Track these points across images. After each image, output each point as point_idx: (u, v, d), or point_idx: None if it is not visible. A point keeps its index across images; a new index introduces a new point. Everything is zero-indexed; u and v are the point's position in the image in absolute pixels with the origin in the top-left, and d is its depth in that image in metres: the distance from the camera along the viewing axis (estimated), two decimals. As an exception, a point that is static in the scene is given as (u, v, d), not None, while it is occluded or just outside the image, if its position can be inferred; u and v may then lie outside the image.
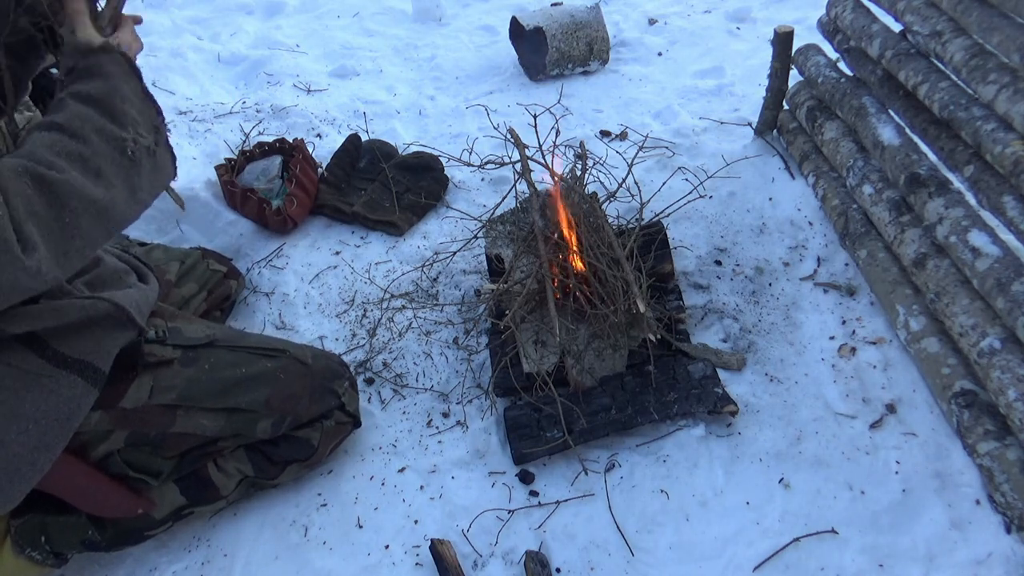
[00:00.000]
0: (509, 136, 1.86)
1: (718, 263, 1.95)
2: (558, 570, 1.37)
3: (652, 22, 3.25)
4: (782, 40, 2.11)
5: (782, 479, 1.47)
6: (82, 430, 1.18)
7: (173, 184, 1.26)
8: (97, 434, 1.22)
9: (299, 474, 1.49)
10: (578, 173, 1.83)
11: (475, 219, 2.00)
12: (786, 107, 2.33)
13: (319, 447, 1.44)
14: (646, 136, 2.34)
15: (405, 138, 2.51)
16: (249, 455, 1.40)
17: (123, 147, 1.03)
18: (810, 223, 2.04)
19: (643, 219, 1.94)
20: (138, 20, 1.18)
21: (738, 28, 3.16)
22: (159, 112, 1.12)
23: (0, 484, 1.08)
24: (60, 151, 0.96)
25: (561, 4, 3.08)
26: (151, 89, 1.13)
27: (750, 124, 2.45)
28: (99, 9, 1.11)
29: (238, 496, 1.45)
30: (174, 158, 1.15)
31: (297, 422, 1.40)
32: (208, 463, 1.37)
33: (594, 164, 1.91)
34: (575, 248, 1.68)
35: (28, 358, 1.09)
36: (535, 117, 1.90)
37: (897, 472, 1.46)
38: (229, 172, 2.17)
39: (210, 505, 1.41)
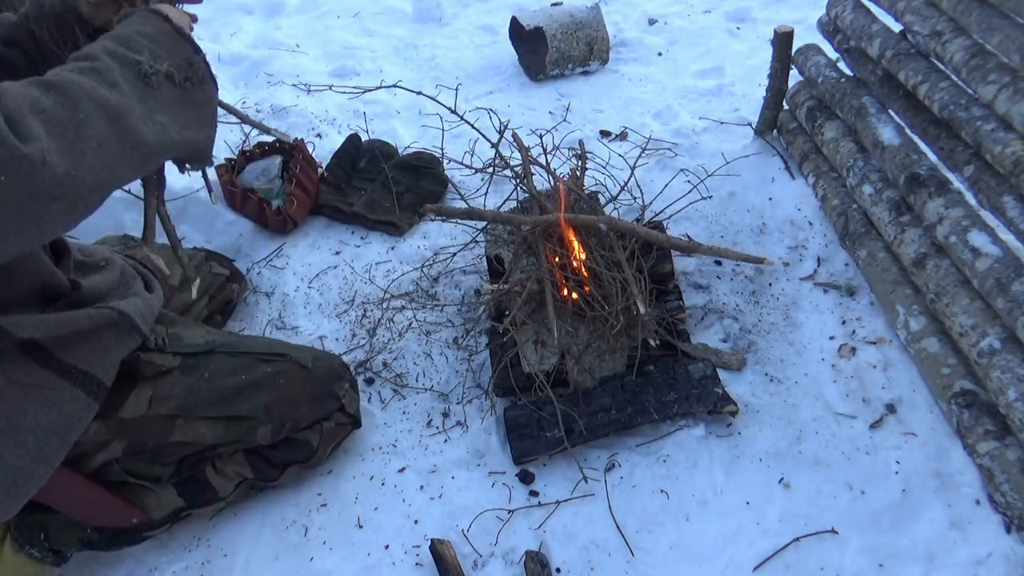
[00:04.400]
0: (512, 139, 1.86)
1: (718, 263, 1.95)
2: (558, 570, 1.37)
3: (652, 22, 3.25)
4: (782, 40, 2.11)
5: (782, 479, 1.47)
6: (80, 440, 1.17)
7: (210, 174, 1.24)
8: (95, 444, 1.21)
9: (299, 475, 1.49)
10: (578, 174, 1.83)
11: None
12: (786, 107, 2.33)
13: (319, 448, 1.44)
14: (648, 138, 2.34)
15: (405, 138, 2.51)
16: (248, 458, 1.40)
17: (137, 68, 0.98)
18: (810, 223, 2.04)
19: (643, 219, 1.95)
20: (194, 18, 1.17)
21: (738, 28, 3.16)
22: (196, 49, 1.08)
23: None
24: (72, 68, 0.94)
25: (561, 4, 3.08)
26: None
27: (750, 124, 2.45)
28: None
29: (237, 497, 1.45)
30: (214, 90, 1.11)
31: (297, 426, 1.40)
32: (206, 466, 1.37)
33: (585, 167, 1.91)
34: (575, 250, 1.68)
35: (31, 369, 1.08)
36: (542, 137, 1.90)
37: (897, 472, 1.46)
38: (229, 172, 2.17)
39: (209, 507, 1.41)
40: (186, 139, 1.04)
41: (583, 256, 1.67)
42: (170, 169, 1.17)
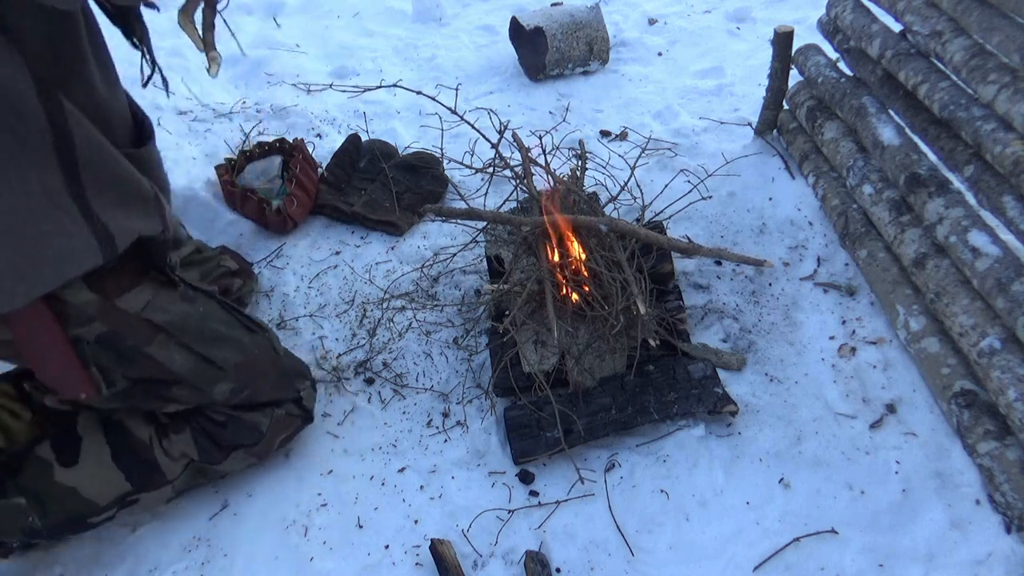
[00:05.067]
0: (512, 140, 1.86)
1: (718, 263, 1.95)
2: (558, 570, 1.37)
3: (652, 22, 3.25)
4: (782, 40, 2.11)
5: (782, 479, 1.47)
6: (70, 300, 1.15)
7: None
8: (79, 314, 1.18)
9: (246, 463, 1.47)
10: (578, 174, 1.83)
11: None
12: (786, 107, 2.33)
13: (267, 434, 1.43)
14: (648, 138, 2.34)
15: (405, 138, 2.51)
16: (195, 436, 1.38)
17: None
18: (810, 223, 2.04)
19: (643, 220, 1.95)
20: None
21: (738, 28, 3.16)
22: None
23: None
24: None
25: (561, 4, 3.08)
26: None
27: (750, 124, 2.45)
28: None
29: (184, 484, 1.43)
30: None
31: (253, 399, 1.41)
32: (155, 445, 1.35)
33: (585, 168, 1.91)
34: (575, 250, 1.68)
35: (55, 179, 1.04)
36: (541, 138, 1.90)
37: (897, 472, 1.46)
38: (229, 172, 2.17)
39: (156, 491, 1.38)
40: None
41: (583, 256, 1.67)
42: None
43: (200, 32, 1.32)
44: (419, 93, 1.92)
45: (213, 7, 1.32)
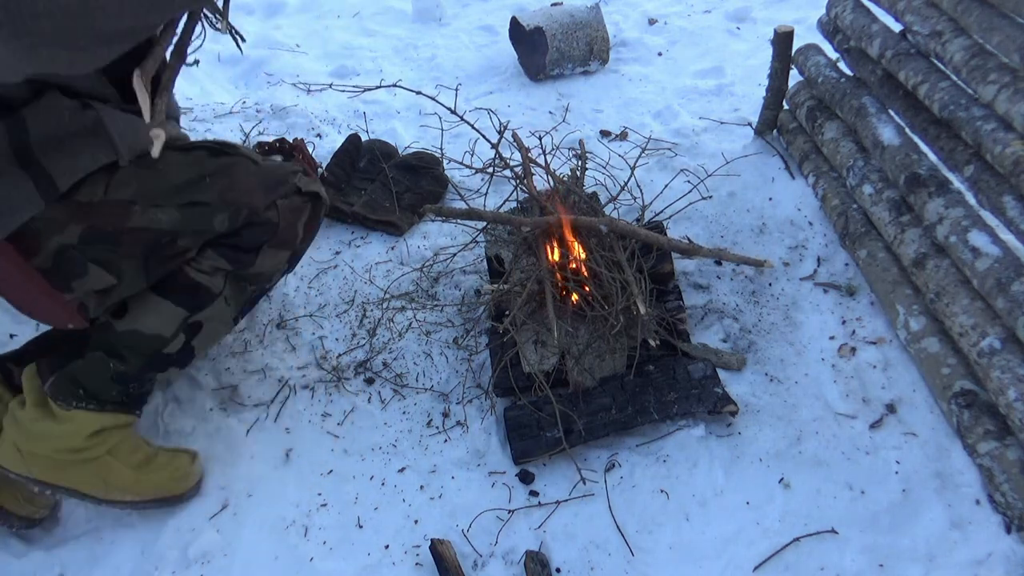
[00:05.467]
0: (512, 140, 1.86)
1: (718, 263, 1.95)
2: (558, 570, 1.37)
3: (652, 22, 3.25)
4: (782, 40, 2.12)
5: (782, 479, 1.47)
6: (35, 217, 1.15)
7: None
8: (50, 224, 1.18)
9: (279, 259, 1.44)
10: (578, 174, 1.83)
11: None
12: (786, 107, 2.33)
13: (280, 222, 1.40)
14: (648, 138, 2.34)
15: (405, 138, 2.51)
16: (218, 251, 1.37)
17: None
18: (810, 223, 2.04)
19: (643, 219, 1.95)
20: None
21: (738, 28, 3.16)
22: None
23: None
24: None
25: (561, 4, 3.08)
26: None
27: (750, 124, 2.45)
28: None
29: (235, 297, 1.42)
30: None
31: (254, 212, 1.37)
32: (187, 270, 1.35)
33: (585, 168, 1.91)
34: (575, 251, 1.68)
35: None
36: (541, 139, 1.90)
37: (897, 472, 1.46)
38: (229, 172, 2.16)
39: (211, 308, 1.38)
40: None
41: (583, 256, 1.67)
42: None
43: (150, 98, 1.24)
44: (419, 93, 1.92)
45: (176, 68, 1.27)
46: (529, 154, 1.83)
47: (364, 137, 2.46)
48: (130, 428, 1.43)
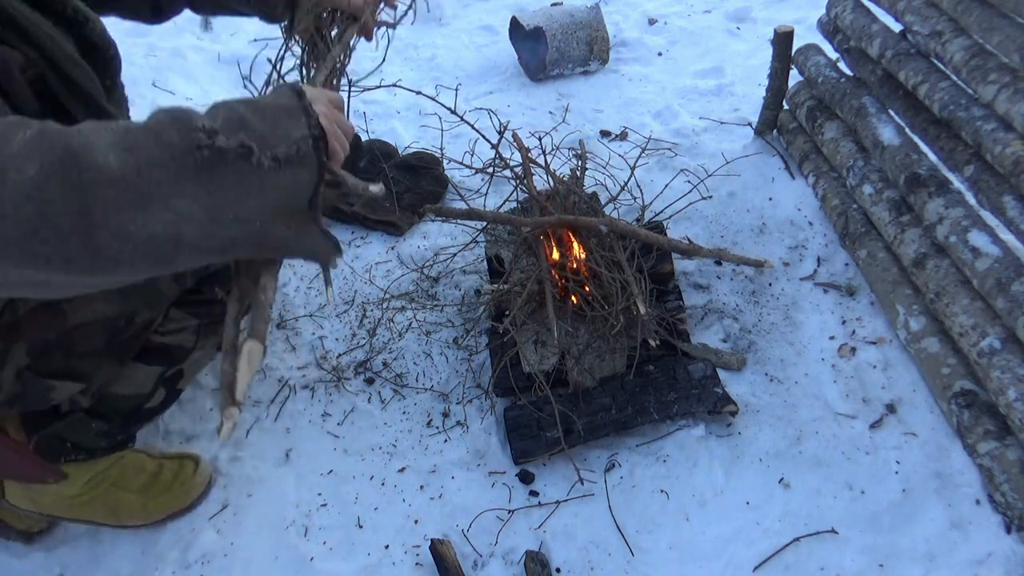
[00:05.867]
0: (512, 140, 1.86)
1: (718, 263, 1.95)
2: (558, 570, 1.37)
3: (652, 22, 3.25)
4: (782, 40, 2.11)
5: (782, 479, 1.47)
6: None
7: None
8: None
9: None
10: (578, 175, 1.83)
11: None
12: (786, 107, 2.33)
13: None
14: (648, 138, 2.34)
15: (405, 138, 2.51)
16: (183, 309, 1.26)
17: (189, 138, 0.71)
18: (810, 223, 2.04)
19: (643, 219, 1.95)
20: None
21: (738, 28, 3.16)
22: (312, 124, 0.81)
23: None
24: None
25: (561, 4, 3.08)
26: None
27: (750, 124, 2.45)
28: None
29: (212, 341, 1.31)
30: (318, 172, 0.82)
31: (203, 267, 1.22)
32: (152, 336, 1.24)
33: (585, 168, 1.91)
34: (575, 251, 1.68)
35: None
36: (541, 139, 1.90)
37: (897, 472, 1.46)
38: (229, 172, 2.16)
39: (187, 361, 1.30)
40: (238, 234, 0.78)
41: (583, 256, 1.67)
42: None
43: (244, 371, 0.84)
44: (419, 93, 1.92)
45: (265, 321, 0.93)
46: (529, 154, 1.82)
47: (364, 137, 2.46)
48: (127, 455, 1.40)
